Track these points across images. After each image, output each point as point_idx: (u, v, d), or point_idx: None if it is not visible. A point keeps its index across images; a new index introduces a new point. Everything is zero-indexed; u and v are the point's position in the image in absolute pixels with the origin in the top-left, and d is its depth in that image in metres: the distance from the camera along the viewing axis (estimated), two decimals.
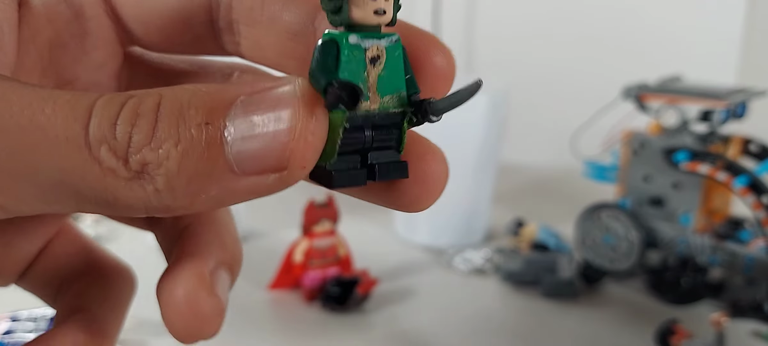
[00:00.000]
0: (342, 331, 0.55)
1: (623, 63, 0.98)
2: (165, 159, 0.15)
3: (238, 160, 0.15)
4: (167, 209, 0.15)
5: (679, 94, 0.58)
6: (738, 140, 0.59)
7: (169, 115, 0.15)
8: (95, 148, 0.15)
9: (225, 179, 0.15)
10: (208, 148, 0.15)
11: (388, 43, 0.16)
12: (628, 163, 0.62)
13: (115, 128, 0.15)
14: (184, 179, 0.15)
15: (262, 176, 0.15)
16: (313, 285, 0.59)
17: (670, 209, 0.59)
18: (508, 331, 0.56)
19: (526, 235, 0.73)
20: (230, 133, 0.15)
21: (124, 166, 0.15)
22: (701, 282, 0.57)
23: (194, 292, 0.18)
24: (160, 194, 0.15)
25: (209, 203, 0.15)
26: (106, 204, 0.15)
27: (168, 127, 0.15)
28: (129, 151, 0.15)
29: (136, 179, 0.15)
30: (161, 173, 0.15)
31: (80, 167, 0.15)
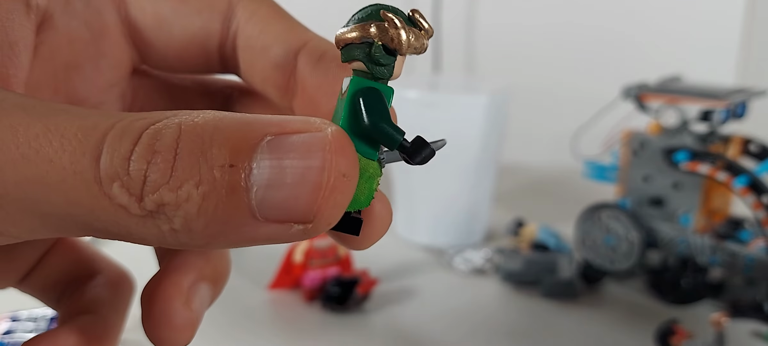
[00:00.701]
0: (342, 331, 0.55)
1: (623, 63, 0.98)
2: (184, 201, 0.14)
3: (262, 207, 0.14)
4: (181, 245, 0.15)
5: (679, 94, 0.58)
6: (738, 140, 0.59)
7: (189, 153, 0.14)
8: (106, 184, 0.14)
9: (246, 224, 0.14)
10: (230, 193, 0.14)
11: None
12: (628, 163, 0.62)
13: (129, 164, 0.14)
14: (202, 222, 0.14)
15: (284, 225, 0.15)
16: (313, 285, 0.59)
17: (670, 209, 0.59)
18: (508, 331, 0.56)
19: (526, 235, 0.73)
20: (255, 179, 0.14)
21: (137, 204, 0.14)
22: (701, 282, 0.57)
23: (169, 304, 0.19)
24: (177, 234, 0.14)
25: (226, 245, 0.15)
26: (117, 237, 0.15)
27: (189, 166, 0.14)
28: (144, 189, 0.14)
29: (150, 217, 0.14)
30: (179, 215, 0.14)
31: (90, 203, 0.14)
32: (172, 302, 0.19)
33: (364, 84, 0.16)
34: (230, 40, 0.21)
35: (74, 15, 0.21)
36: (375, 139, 0.16)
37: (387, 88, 0.17)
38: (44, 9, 0.20)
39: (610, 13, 1.00)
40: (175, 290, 0.19)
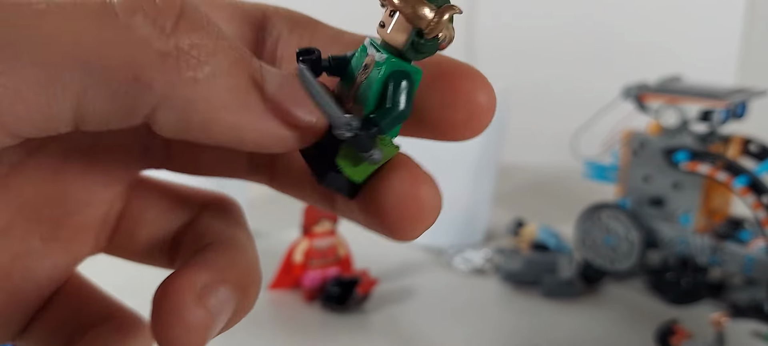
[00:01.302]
0: (342, 331, 0.55)
1: (623, 63, 0.98)
2: (221, 52, 0.14)
3: (275, 97, 0.15)
4: (189, 107, 0.14)
5: (679, 94, 0.58)
6: (738, 140, 0.59)
7: (217, 24, 0.14)
8: (125, 15, 0.13)
9: (258, 106, 0.15)
10: (254, 71, 0.15)
11: (379, 57, 0.16)
12: (628, 163, 0.62)
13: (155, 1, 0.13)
14: (226, 83, 0.14)
15: (286, 126, 0.15)
16: (313, 285, 0.59)
17: (670, 209, 0.59)
18: (509, 332, 0.56)
19: (526, 235, 0.73)
20: (266, 78, 0.15)
21: (164, 37, 0.13)
22: (701, 282, 0.57)
23: (180, 299, 0.17)
24: (197, 85, 0.13)
25: (225, 127, 0.14)
26: (117, 88, 0.13)
27: (222, 31, 0.14)
28: (179, 24, 0.13)
29: (173, 56, 0.13)
30: (212, 63, 0.13)
31: (100, 34, 0.13)
32: (184, 296, 0.17)
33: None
34: (269, 50, 0.20)
35: None
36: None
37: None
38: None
39: (611, 13, 1.00)
40: (188, 285, 0.17)
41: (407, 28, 0.15)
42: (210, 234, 0.19)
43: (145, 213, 0.21)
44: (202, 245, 0.19)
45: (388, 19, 0.16)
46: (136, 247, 0.21)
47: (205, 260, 0.18)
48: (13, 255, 0.18)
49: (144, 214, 0.21)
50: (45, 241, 0.19)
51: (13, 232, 0.18)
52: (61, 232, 0.19)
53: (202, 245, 0.19)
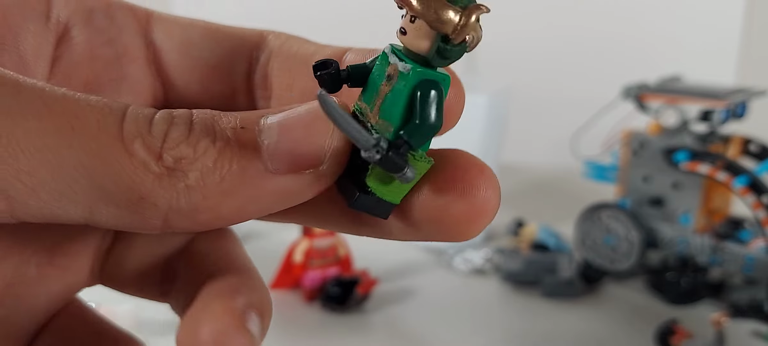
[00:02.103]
0: (342, 331, 0.55)
1: (623, 63, 0.98)
2: (201, 154, 0.15)
3: (274, 157, 0.15)
4: (193, 210, 0.15)
5: (678, 94, 0.58)
6: (738, 140, 0.59)
7: (204, 119, 0.15)
8: (129, 141, 0.15)
9: (260, 177, 0.15)
10: (243, 147, 0.15)
11: (403, 68, 0.15)
12: (628, 163, 0.62)
13: (150, 126, 0.15)
14: (218, 176, 0.15)
15: (297, 175, 0.15)
16: (313, 285, 0.59)
17: (670, 209, 0.59)
18: (508, 331, 0.56)
19: (526, 235, 0.73)
20: (265, 135, 0.15)
21: (156, 161, 0.15)
22: (701, 282, 0.57)
23: (223, 329, 0.16)
24: (191, 191, 0.15)
25: (236, 209, 0.15)
26: (126, 203, 0.15)
27: (204, 128, 0.15)
28: (164, 146, 0.15)
29: (167, 175, 0.15)
30: (196, 169, 0.15)
31: (110, 156, 0.14)
32: (228, 327, 0.16)
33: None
34: (261, 68, 0.21)
35: (97, 32, 0.20)
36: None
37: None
38: (65, 22, 0.20)
39: (611, 13, 1.00)
40: (227, 314, 0.16)
41: (430, 33, 0.14)
42: (214, 259, 0.19)
43: (134, 240, 0.20)
44: (210, 271, 0.18)
45: (408, 25, 0.14)
46: (127, 276, 0.20)
47: (230, 286, 0.17)
48: (7, 282, 0.19)
49: (134, 240, 0.20)
50: (40, 267, 0.19)
51: (9, 259, 0.19)
52: (57, 259, 0.20)
53: (210, 271, 0.18)
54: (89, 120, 0.14)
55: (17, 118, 0.14)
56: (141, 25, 0.21)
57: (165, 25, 0.21)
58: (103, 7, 0.20)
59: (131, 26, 0.21)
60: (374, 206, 0.16)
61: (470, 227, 0.16)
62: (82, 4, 0.20)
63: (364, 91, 0.16)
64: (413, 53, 0.15)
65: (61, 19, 0.20)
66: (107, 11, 0.20)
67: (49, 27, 0.19)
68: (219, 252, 0.20)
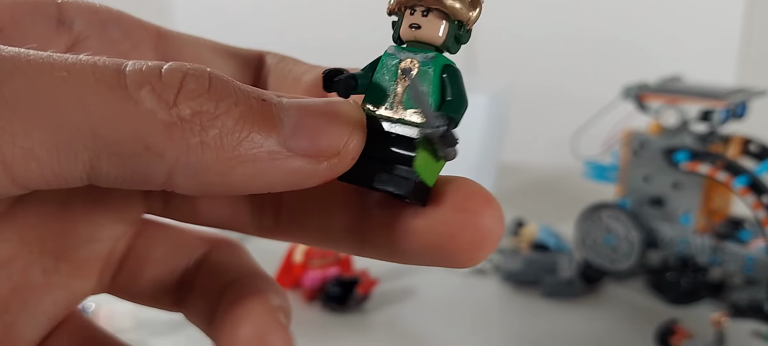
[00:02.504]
0: (342, 331, 0.55)
1: (623, 63, 0.98)
2: (223, 113, 0.14)
3: (292, 137, 0.15)
4: (202, 169, 0.14)
5: (679, 94, 0.58)
6: (738, 140, 0.59)
7: (224, 80, 0.15)
8: (134, 89, 0.14)
9: (275, 153, 0.14)
10: (265, 118, 0.14)
11: (422, 57, 0.16)
12: (628, 163, 0.62)
13: (160, 72, 0.14)
14: (236, 139, 0.14)
15: (312, 160, 0.15)
16: (313, 285, 0.59)
17: (670, 209, 0.59)
18: (509, 332, 0.56)
19: (526, 235, 0.73)
20: (285, 112, 0.15)
21: (167, 109, 0.14)
22: (701, 282, 0.57)
23: (264, 328, 0.16)
24: (205, 148, 0.14)
25: (246, 178, 0.15)
26: (129, 156, 0.14)
27: (225, 88, 0.14)
28: (179, 96, 0.14)
29: (178, 126, 0.14)
30: (216, 126, 0.14)
31: (109, 107, 0.14)
32: (269, 325, 0.16)
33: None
34: (261, 85, 0.21)
35: (111, 43, 0.20)
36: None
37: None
38: (78, 32, 0.19)
39: (611, 13, 1.00)
40: (267, 312, 0.16)
41: (445, 22, 0.16)
42: (235, 268, 0.19)
43: (151, 251, 0.20)
44: (232, 278, 0.19)
45: (422, 20, 0.16)
46: (141, 287, 0.20)
47: (260, 288, 0.18)
48: (13, 287, 0.18)
49: (151, 252, 0.20)
50: (46, 274, 0.19)
51: (14, 263, 0.18)
52: (63, 266, 0.19)
53: (232, 278, 0.19)
54: (82, 73, 0.14)
55: (2, 79, 0.13)
56: (153, 41, 0.21)
57: (175, 40, 0.21)
58: (115, 19, 0.20)
59: (144, 41, 0.21)
60: (418, 192, 0.16)
61: (475, 254, 0.16)
62: (96, 16, 0.20)
63: (370, 96, 0.16)
64: (426, 45, 0.16)
65: (74, 27, 0.19)
66: (120, 24, 0.20)
67: (59, 32, 0.19)
68: (238, 262, 0.20)
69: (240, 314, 0.17)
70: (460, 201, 0.16)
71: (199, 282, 0.20)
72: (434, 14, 0.16)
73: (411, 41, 0.16)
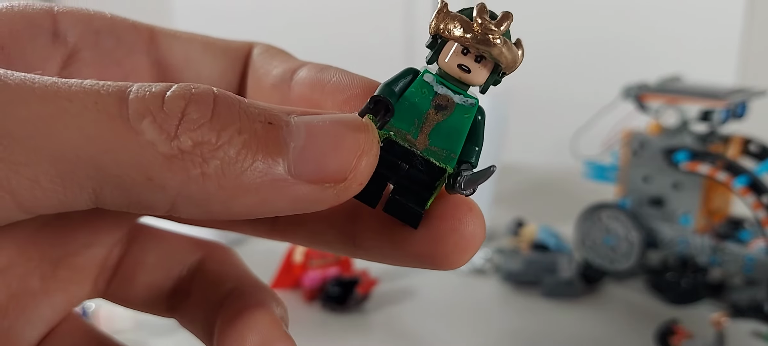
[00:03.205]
0: (342, 331, 0.55)
1: (623, 63, 0.98)
2: (225, 142, 0.14)
3: (298, 164, 0.14)
4: (202, 201, 0.14)
5: (678, 94, 0.58)
6: (738, 140, 0.59)
7: (229, 104, 0.14)
8: (135, 120, 0.13)
9: (281, 180, 0.14)
10: (270, 144, 0.14)
11: (461, 100, 0.16)
12: (627, 163, 0.62)
13: (163, 101, 0.14)
14: (238, 170, 0.14)
15: (318, 186, 0.14)
16: (313, 285, 0.59)
17: (670, 209, 0.59)
18: (509, 332, 0.56)
19: (526, 235, 0.73)
20: (293, 137, 0.14)
21: (168, 141, 0.13)
22: (701, 282, 0.57)
23: (269, 338, 0.17)
24: (206, 180, 0.14)
25: (249, 206, 0.14)
26: (131, 187, 0.14)
27: (229, 113, 0.14)
28: (180, 127, 0.14)
29: (179, 158, 0.14)
30: (217, 158, 0.14)
31: (110, 138, 0.13)
32: (273, 335, 0.17)
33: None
34: (245, 79, 0.22)
35: (105, 54, 0.20)
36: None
37: (424, 70, 0.17)
38: (73, 45, 0.20)
39: (611, 13, 1.00)
40: (272, 323, 0.17)
41: (491, 68, 0.16)
42: (231, 277, 0.20)
43: (145, 258, 0.21)
44: (230, 287, 0.19)
45: (473, 64, 0.16)
46: (136, 292, 0.21)
47: (261, 298, 0.18)
48: (11, 293, 0.18)
49: (144, 258, 0.21)
50: (44, 280, 0.19)
51: (13, 270, 0.18)
52: (60, 272, 0.19)
53: (230, 287, 0.19)
54: (85, 102, 0.13)
55: (6, 109, 0.13)
56: (145, 44, 0.21)
57: (167, 41, 0.21)
58: (108, 27, 0.20)
59: (137, 46, 0.21)
60: (415, 218, 0.17)
61: (459, 257, 0.17)
62: (90, 26, 0.20)
63: (400, 117, 0.16)
64: (463, 84, 0.16)
65: (68, 39, 0.19)
66: (113, 31, 0.20)
67: (56, 46, 0.19)
68: (233, 271, 0.20)
69: (245, 326, 0.17)
70: (445, 210, 0.16)
71: (194, 290, 0.20)
72: (487, 61, 0.16)
73: (451, 76, 0.16)
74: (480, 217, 0.17)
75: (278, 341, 0.17)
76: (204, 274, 0.20)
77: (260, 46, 0.22)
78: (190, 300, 0.20)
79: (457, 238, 0.16)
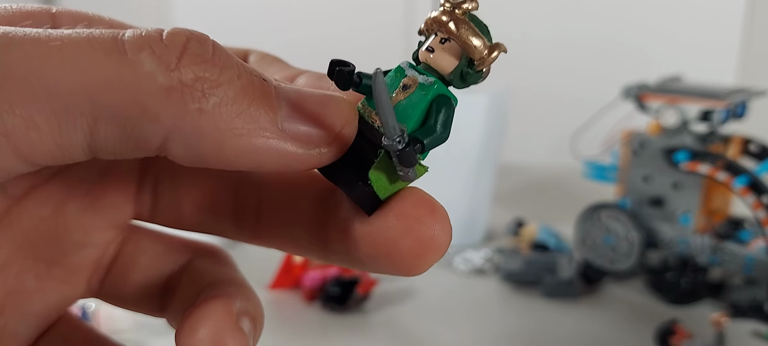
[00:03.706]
0: (342, 331, 0.55)
1: (623, 63, 0.98)
2: (226, 82, 0.14)
3: (288, 119, 0.15)
4: (198, 136, 0.14)
5: (678, 94, 0.58)
6: (738, 140, 0.59)
7: (226, 52, 0.15)
8: (132, 52, 0.14)
9: (271, 131, 0.15)
10: (264, 95, 0.15)
11: (424, 80, 0.16)
12: (627, 163, 0.62)
13: (162, 36, 0.14)
14: (235, 110, 0.14)
15: (305, 145, 0.15)
16: (313, 285, 0.59)
17: (670, 209, 0.59)
18: (508, 331, 0.56)
19: (526, 235, 0.73)
20: (283, 95, 0.15)
21: (168, 72, 0.14)
22: (701, 282, 0.57)
23: (220, 329, 0.17)
24: (203, 116, 0.14)
25: (238, 151, 0.14)
26: (126, 121, 0.14)
27: (228, 58, 0.14)
28: (182, 58, 0.14)
29: (177, 90, 0.14)
30: (217, 94, 0.14)
31: (107, 70, 0.13)
32: (223, 327, 0.17)
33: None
34: None
35: None
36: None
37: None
38: None
39: (611, 13, 1.00)
40: (223, 315, 0.17)
41: (458, 55, 0.16)
42: (211, 274, 0.20)
43: (138, 258, 0.21)
44: (207, 283, 0.19)
45: (438, 45, 0.16)
46: (128, 291, 0.21)
47: (226, 293, 0.18)
48: (8, 292, 0.18)
49: (138, 258, 0.21)
50: (39, 279, 0.19)
51: (9, 268, 0.19)
52: (55, 271, 0.20)
53: (207, 283, 0.19)
54: (78, 42, 0.13)
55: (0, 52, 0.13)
56: None
57: None
58: (107, 28, 0.21)
59: None
60: (366, 199, 0.16)
61: (417, 262, 0.16)
62: (89, 27, 0.20)
63: (369, 100, 0.17)
64: (435, 72, 0.16)
65: None
66: None
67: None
68: (218, 268, 0.20)
69: (200, 316, 0.17)
70: (403, 208, 0.16)
71: (179, 288, 0.20)
72: (451, 44, 0.16)
73: (426, 64, 0.16)
74: (442, 220, 0.16)
75: (228, 331, 0.17)
76: (188, 273, 0.20)
77: (256, 54, 0.22)
78: (175, 299, 0.20)
79: (413, 240, 0.16)
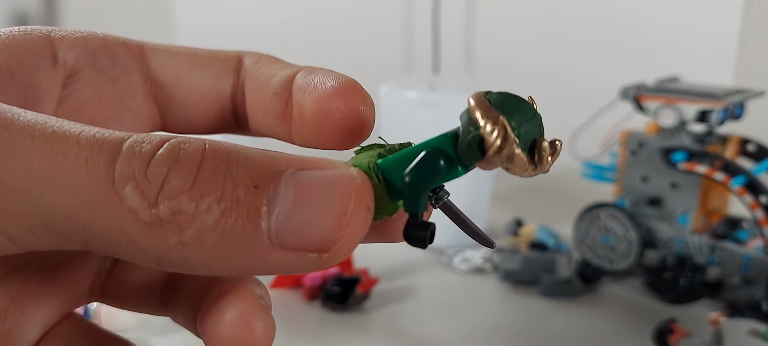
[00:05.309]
0: (342, 330, 0.55)
1: (621, 63, 0.98)
2: (203, 212, 0.14)
3: (280, 232, 0.14)
4: (183, 264, 0.14)
5: (676, 94, 0.59)
6: (735, 140, 0.59)
7: (214, 168, 0.14)
8: (120, 184, 0.14)
9: (259, 248, 0.14)
10: (251, 213, 0.14)
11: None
12: (626, 163, 0.62)
13: (147, 167, 0.14)
14: (215, 238, 0.14)
15: (299, 253, 0.14)
16: (313, 284, 0.59)
17: (668, 208, 0.60)
18: (508, 330, 0.56)
19: (525, 234, 0.73)
20: (278, 203, 0.14)
21: (148, 209, 0.14)
22: (699, 281, 0.58)
23: (246, 311, 0.17)
24: (184, 248, 0.14)
25: (230, 269, 0.15)
26: (117, 246, 0.14)
27: (212, 179, 0.14)
28: (160, 194, 0.14)
29: (158, 225, 0.14)
30: (194, 227, 0.14)
31: (96, 201, 0.14)
32: (251, 309, 0.17)
33: (443, 146, 0.16)
34: (240, 88, 0.22)
35: (102, 72, 0.21)
36: (399, 191, 0.16)
37: (462, 170, 0.16)
38: (72, 65, 0.21)
39: (609, 13, 1.01)
40: (248, 298, 0.17)
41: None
42: None
43: None
44: (212, 278, 0.19)
45: None
46: (130, 292, 0.21)
47: (243, 280, 0.19)
48: (12, 297, 0.19)
49: None
50: (43, 284, 0.20)
51: (14, 275, 0.19)
52: (58, 277, 0.20)
53: (212, 278, 0.19)
54: (77, 160, 0.14)
55: (5, 158, 0.14)
56: (137, 61, 0.22)
57: (157, 56, 0.22)
58: (102, 47, 0.21)
59: (131, 64, 0.22)
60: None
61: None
62: (86, 48, 0.21)
63: None
64: (453, 134, 0.17)
65: (67, 61, 0.20)
66: (107, 51, 0.21)
67: (56, 69, 0.20)
68: None
69: (225, 302, 0.18)
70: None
71: (184, 285, 0.20)
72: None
73: None
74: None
75: (255, 313, 0.17)
76: None
77: (251, 56, 0.23)
78: (180, 294, 0.20)
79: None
